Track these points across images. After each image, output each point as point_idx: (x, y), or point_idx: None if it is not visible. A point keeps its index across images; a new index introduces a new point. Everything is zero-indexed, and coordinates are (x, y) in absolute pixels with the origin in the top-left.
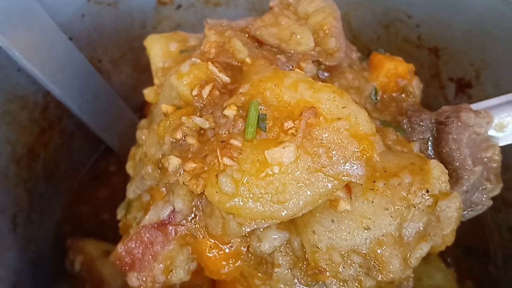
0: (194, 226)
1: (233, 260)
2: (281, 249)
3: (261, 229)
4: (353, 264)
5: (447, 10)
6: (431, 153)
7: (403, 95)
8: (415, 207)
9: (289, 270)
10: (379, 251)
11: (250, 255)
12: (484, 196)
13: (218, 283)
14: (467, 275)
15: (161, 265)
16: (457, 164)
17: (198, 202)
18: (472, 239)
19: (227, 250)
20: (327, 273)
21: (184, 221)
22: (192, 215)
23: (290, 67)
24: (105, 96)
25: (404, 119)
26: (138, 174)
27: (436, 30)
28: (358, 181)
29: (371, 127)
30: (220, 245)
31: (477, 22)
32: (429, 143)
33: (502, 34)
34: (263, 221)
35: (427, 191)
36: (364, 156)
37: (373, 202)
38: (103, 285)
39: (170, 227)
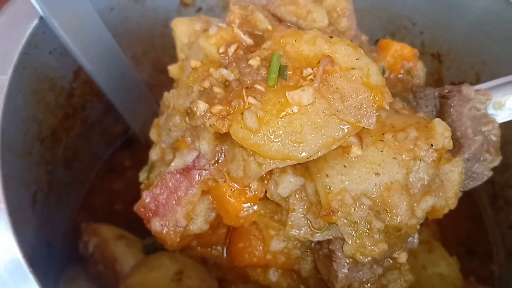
0: (216, 170)
1: (252, 203)
2: (296, 195)
3: (278, 175)
4: (363, 206)
5: (448, 16)
6: None
7: (408, 77)
8: (420, 160)
9: (303, 215)
10: (387, 195)
11: (267, 204)
12: (484, 166)
13: (232, 239)
14: (471, 273)
15: (183, 209)
16: (458, 134)
17: (222, 148)
18: (475, 240)
19: (246, 194)
20: (339, 213)
21: (207, 165)
22: (215, 159)
23: None
24: (129, 78)
25: (409, 95)
26: (164, 129)
27: (438, 35)
28: (369, 127)
29: (381, 79)
30: (240, 188)
31: (476, 25)
32: (433, 115)
33: (500, 35)
34: (281, 161)
35: (432, 145)
36: (375, 104)
37: (382, 151)
38: (116, 265)
39: (194, 172)
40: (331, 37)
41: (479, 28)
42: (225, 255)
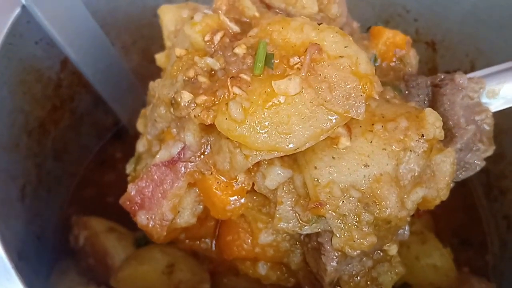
0: (202, 162)
1: (239, 196)
2: (284, 188)
3: (266, 167)
4: (352, 199)
5: (443, 3)
6: None
7: (400, 65)
8: (411, 151)
9: (291, 208)
10: (377, 187)
11: (254, 197)
12: (477, 156)
13: (221, 232)
14: (464, 264)
15: (169, 202)
16: (451, 123)
17: (208, 140)
18: (469, 230)
19: (233, 187)
20: (327, 206)
21: (193, 157)
22: (201, 151)
23: None
24: (117, 68)
25: (401, 84)
26: (150, 120)
27: (432, 23)
28: (358, 117)
29: (370, 68)
30: (227, 181)
31: (471, 13)
32: (425, 104)
33: (495, 23)
34: (268, 152)
35: (422, 136)
36: (364, 93)
37: (371, 142)
38: (107, 258)
39: (180, 164)
40: (319, 24)
41: (474, 15)
42: (213, 248)
